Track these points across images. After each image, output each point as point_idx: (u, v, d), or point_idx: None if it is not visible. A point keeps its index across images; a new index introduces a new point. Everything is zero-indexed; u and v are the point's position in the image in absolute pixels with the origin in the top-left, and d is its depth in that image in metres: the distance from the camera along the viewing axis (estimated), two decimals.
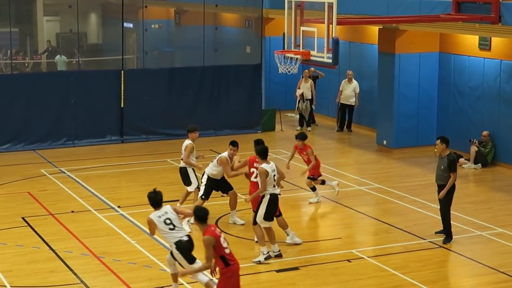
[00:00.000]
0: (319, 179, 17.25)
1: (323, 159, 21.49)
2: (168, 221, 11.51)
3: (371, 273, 13.18)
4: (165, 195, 16.54)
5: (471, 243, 14.72)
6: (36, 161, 21.10)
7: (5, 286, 12.64)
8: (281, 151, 22.15)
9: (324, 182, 17.38)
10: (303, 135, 16.92)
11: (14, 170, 20.21)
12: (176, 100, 23.99)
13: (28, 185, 18.74)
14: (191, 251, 11.40)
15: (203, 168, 15.61)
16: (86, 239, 14.83)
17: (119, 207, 16.92)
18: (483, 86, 20.89)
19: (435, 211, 15.13)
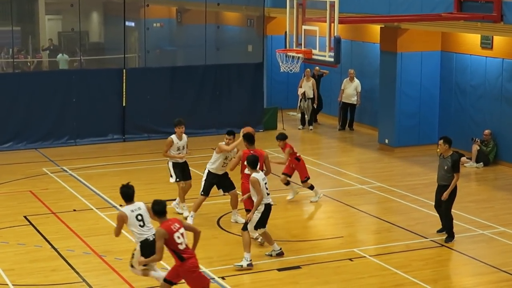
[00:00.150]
0: (308, 181, 17.16)
1: (325, 158, 21.61)
2: (139, 217, 11.43)
3: (373, 272, 13.17)
4: (167, 194, 16.77)
5: (473, 242, 14.71)
6: (38, 160, 21.11)
7: (7, 284, 12.64)
8: None
9: (313, 187, 17.21)
10: (283, 135, 16.77)
11: (16, 168, 20.22)
12: (177, 98, 23.99)
13: (30, 184, 18.75)
14: (152, 253, 11.06)
15: (184, 157, 16.01)
16: (88, 237, 14.84)
17: (121, 205, 16.88)
18: (485, 85, 20.88)
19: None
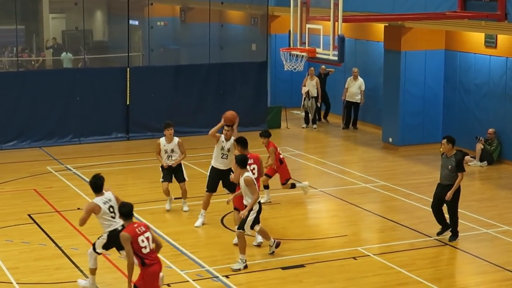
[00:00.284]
0: (288, 182, 16.94)
1: (328, 156, 21.61)
2: (111, 209, 11.68)
3: (376, 271, 13.18)
4: (172, 192, 16.73)
5: (477, 240, 14.71)
6: (42, 158, 21.14)
7: (11, 283, 12.66)
8: (287, 148, 22.14)
9: (294, 185, 17.13)
10: (267, 133, 16.66)
11: (20, 167, 20.25)
12: (181, 97, 24.01)
13: (34, 182, 18.77)
14: (117, 243, 11.32)
15: (166, 165, 16.12)
16: (92, 236, 14.76)
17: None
18: (489, 83, 20.86)
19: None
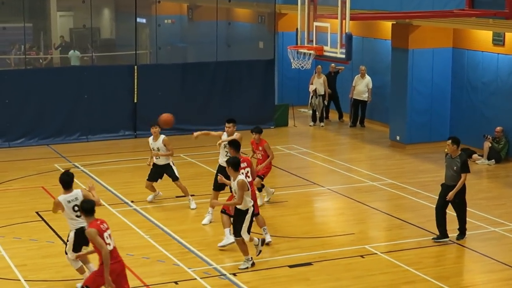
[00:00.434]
0: (260, 182, 16.27)
1: (336, 154, 21.59)
2: (76, 208, 11.67)
3: (384, 269, 13.17)
4: (177, 191, 16.78)
5: (484, 239, 14.69)
6: (49, 156, 21.18)
7: (19, 280, 12.69)
8: (294, 146, 22.15)
9: (262, 187, 16.47)
10: (259, 129, 16.23)
11: (28, 164, 20.30)
12: (189, 95, 24.02)
13: (41, 180, 18.81)
14: (85, 240, 11.36)
15: (148, 164, 16.59)
16: None
17: (132, 202, 16.96)
18: (497, 81, 20.82)
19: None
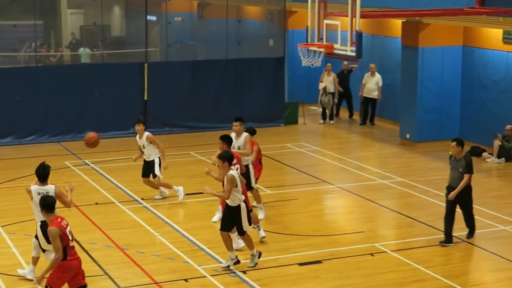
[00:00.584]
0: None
1: (346, 152, 21.59)
2: None
3: (394, 267, 13.18)
4: (188, 188, 16.85)
5: (494, 237, 14.67)
6: (60, 153, 21.24)
7: (31, 280, 12.71)
8: (304, 144, 22.17)
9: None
10: (252, 130, 15.74)
11: (38, 162, 20.05)
12: (199, 93, 24.05)
13: (52, 177, 18.58)
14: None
15: (134, 160, 17.03)
16: (110, 231, 14.93)
17: (142, 199, 17.01)
18: (507, 79, 20.78)
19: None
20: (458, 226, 14.69)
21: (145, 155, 16.74)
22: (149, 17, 25.25)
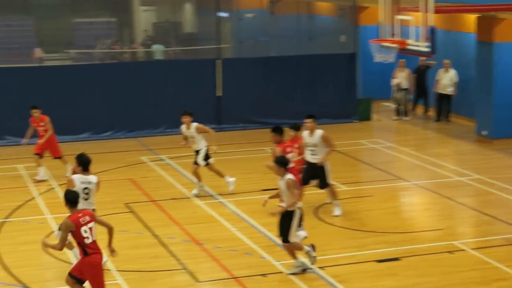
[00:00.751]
0: None
1: (421, 149, 21.36)
2: (86, 191, 12.31)
3: (473, 265, 12.99)
4: (263, 184, 16.92)
5: None
6: (136, 149, 21.53)
7: (109, 270, 12.90)
8: (378, 140, 22.03)
9: None
10: (296, 126, 15.14)
11: (115, 157, 20.68)
12: (272, 89, 24.09)
13: (129, 172, 19.14)
14: None
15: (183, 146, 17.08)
16: (187, 225, 15.07)
17: (219, 194, 17.09)
18: None
19: None
20: None
21: (195, 144, 16.86)
22: (220, 14, 25.38)
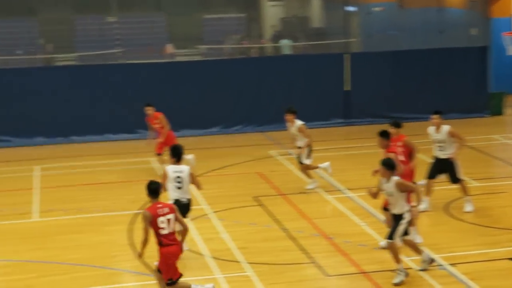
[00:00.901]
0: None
1: None
2: (179, 179, 12.63)
3: None
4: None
5: None
6: (264, 143, 21.77)
7: (238, 261, 13.06)
8: (511, 136, 21.46)
9: None
10: (396, 123, 14.32)
11: (243, 151, 20.97)
12: (400, 83, 23.87)
13: (257, 166, 19.36)
14: (183, 214, 12.00)
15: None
16: (315, 219, 15.10)
17: (348, 189, 17.06)
18: None
19: None
20: None
21: (297, 141, 17.00)
22: (348, 8, 25.30)
